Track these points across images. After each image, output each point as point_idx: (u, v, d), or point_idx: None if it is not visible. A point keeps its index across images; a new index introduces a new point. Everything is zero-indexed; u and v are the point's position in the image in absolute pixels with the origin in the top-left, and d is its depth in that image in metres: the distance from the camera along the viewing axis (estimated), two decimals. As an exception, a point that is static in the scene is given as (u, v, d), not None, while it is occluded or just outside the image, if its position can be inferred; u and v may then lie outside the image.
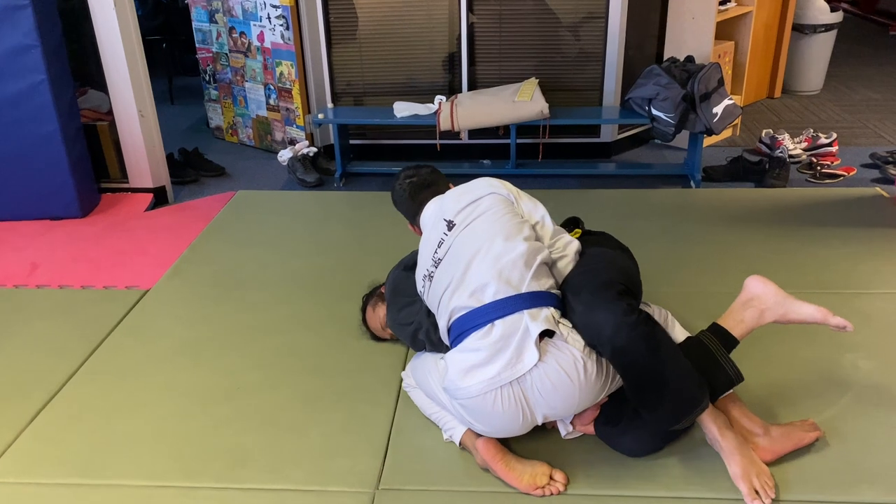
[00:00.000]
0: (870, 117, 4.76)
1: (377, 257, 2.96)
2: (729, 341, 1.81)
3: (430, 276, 1.96)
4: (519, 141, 3.84)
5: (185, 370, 2.32)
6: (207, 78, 4.64)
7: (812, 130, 4.12)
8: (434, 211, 2.08)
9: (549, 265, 1.89)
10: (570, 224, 2.18)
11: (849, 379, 2.15)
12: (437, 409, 1.96)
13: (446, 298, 1.86)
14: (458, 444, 1.91)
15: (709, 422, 1.77)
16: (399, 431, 2.02)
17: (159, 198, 3.72)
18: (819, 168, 3.81)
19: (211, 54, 4.53)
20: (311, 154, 4.08)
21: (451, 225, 1.96)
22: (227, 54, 4.43)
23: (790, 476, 1.79)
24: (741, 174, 3.75)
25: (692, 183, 3.73)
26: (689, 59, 3.71)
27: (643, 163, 4.17)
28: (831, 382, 2.14)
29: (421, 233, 2.14)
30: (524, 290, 1.78)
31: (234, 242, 3.21)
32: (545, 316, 1.74)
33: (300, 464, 1.91)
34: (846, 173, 3.78)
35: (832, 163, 3.91)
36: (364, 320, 2.41)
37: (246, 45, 4.29)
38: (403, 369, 2.22)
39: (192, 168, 4.11)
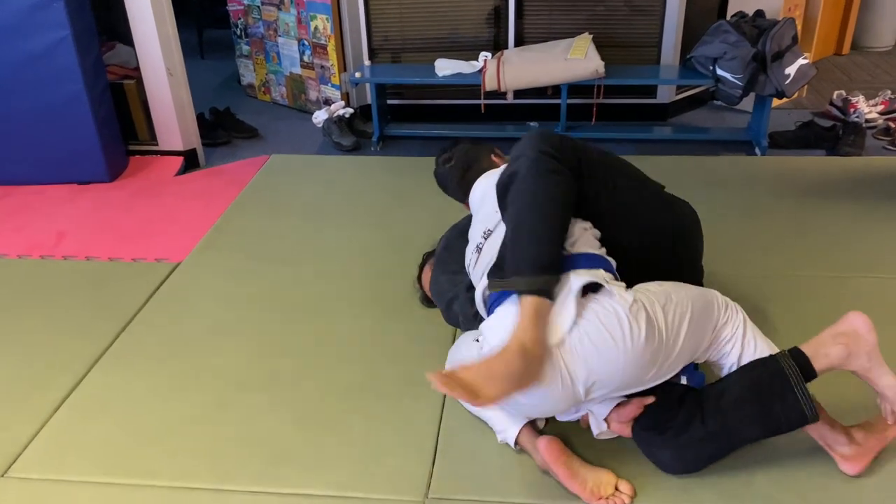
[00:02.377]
0: (950, 77, 4.39)
1: (421, 230, 2.77)
2: (808, 372, 1.56)
3: (480, 249, 1.79)
4: (569, 101, 3.57)
5: (218, 354, 2.16)
6: (238, 32, 4.42)
7: (889, 92, 3.78)
8: (485, 188, 1.91)
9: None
10: None
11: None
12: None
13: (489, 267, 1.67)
14: (513, 446, 1.73)
15: None
16: (448, 429, 1.84)
17: (190, 161, 3.55)
18: (898, 134, 3.50)
19: (242, 6, 4.30)
20: (346, 115, 3.86)
21: None
22: (259, 7, 4.20)
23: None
24: (812, 141, 3.46)
25: (757, 150, 3.45)
26: (759, 13, 3.39)
27: (702, 126, 3.88)
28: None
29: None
30: (573, 251, 1.60)
31: (268, 211, 3.03)
32: (592, 272, 1.55)
33: (342, 465, 1.75)
34: (928, 140, 3.46)
35: (912, 128, 3.59)
36: (419, 277, 2.29)
37: (279, -2, 4.05)
38: (450, 358, 2.04)
39: (223, 129, 3.93)
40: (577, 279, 1.52)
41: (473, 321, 1.88)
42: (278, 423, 1.88)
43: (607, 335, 1.48)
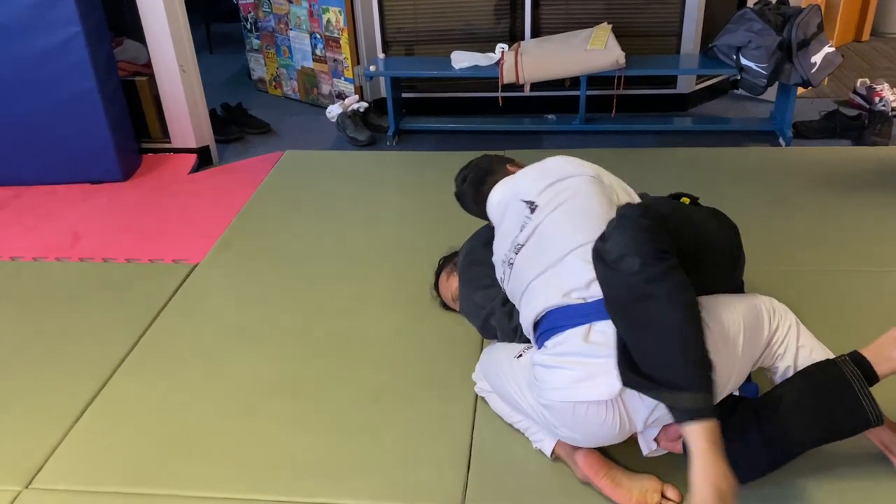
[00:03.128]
0: (974, 62, 4.30)
1: (443, 228, 2.70)
2: (870, 377, 1.49)
3: (511, 263, 1.71)
4: (588, 93, 3.51)
5: (242, 358, 2.11)
6: (249, 26, 4.36)
7: (915, 79, 3.70)
8: (503, 196, 1.84)
9: None
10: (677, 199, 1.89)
11: None
12: (520, 417, 1.73)
13: (537, 288, 1.60)
14: (549, 455, 1.68)
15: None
16: (481, 435, 1.79)
17: (203, 158, 3.49)
18: (925, 123, 3.42)
19: (253, 0, 4.23)
20: (361, 110, 3.80)
21: (533, 207, 1.70)
22: (269, 0, 4.13)
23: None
24: (837, 131, 3.38)
25: (782, 140, 3.38)
26: (783, 0, 3.31)
27: (723, 117, 3.81)
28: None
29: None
30: None
31: (285, 209, 2.98)
32: None
33: (374, 474, 1.70)
34: (956, 128, 3.38)
35: (939, 116, 3.51)
36: (436, 285, 2.23)
37: (290, -9, 3.99)
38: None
39: (235, 125, 3.87)
40: None
41: (513, 334, 1.82)
42: (306, 431, 1.84)
43: None
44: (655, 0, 3.68)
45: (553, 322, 1.54)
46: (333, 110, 3.78)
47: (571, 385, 1.45)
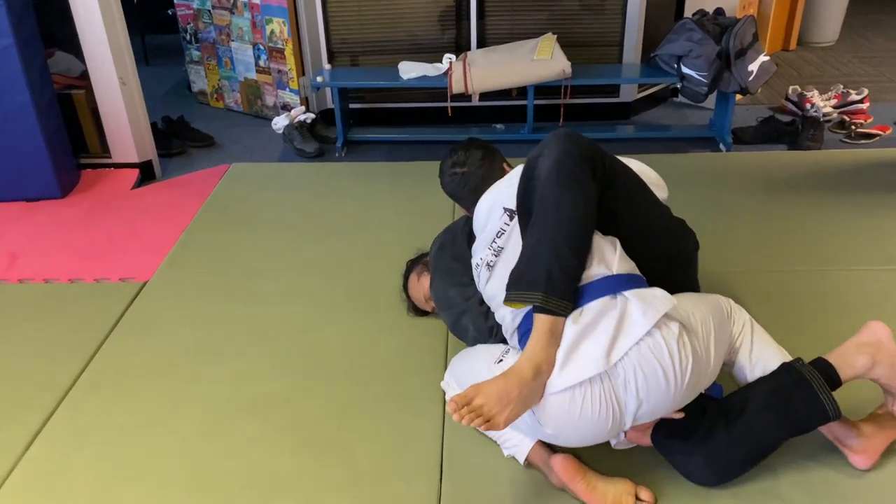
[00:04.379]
0: (893, 70, 4.54)
1: (397, 237, 2.70)
2: (832, 380, 1.56)
3: (490, 266, 1.72)
4: (535, 102, 3.55)
5: (200, 378, 2.05)
6: (188, 37, 4.26)
7: (842, 86, 3.88)
8: (491, 205, 1.82)
9: None
10: None
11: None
12: None
13: None
14: (521, 462, 1.68)
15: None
16: (452, 445, 1.78)
17: (146, 173, 3.39)
18: (853, 127, 3.59)
19: (192, 11, 4.14)
20: (308, 121, 3.76)
21: (512, 214, 1.70)
22: (209, 11, 4.05)
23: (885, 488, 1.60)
24: (774, 136, 3.52)
25: (722, 146, 3.49)
26: (720, 11, 3.43)
27: (664, 124, 3.91)
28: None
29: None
30: (615, 272, 1.55)
31: (235, 224, 2.91)
32: (651, 294, 1.51)
33: (345, 490, 1.67)
34: (882, 132, 3.56)
35: (865, 121, 3.69)
36: (405, 287, 2.21)
37: (231, 1, 3.91)
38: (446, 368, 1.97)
39: (177, 138, 3.77)
40: (643, 312, 1.46)
41: (488, 334, 1.83)
42: (273, 451, 1.79)
43: (659, 369, 1.45)
44: (597, 11, 3.76)
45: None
46: (280, 122, 3.72)
47: (559, 371, 1.45)
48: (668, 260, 1.75)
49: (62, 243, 2.81)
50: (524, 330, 1.55)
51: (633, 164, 1.82)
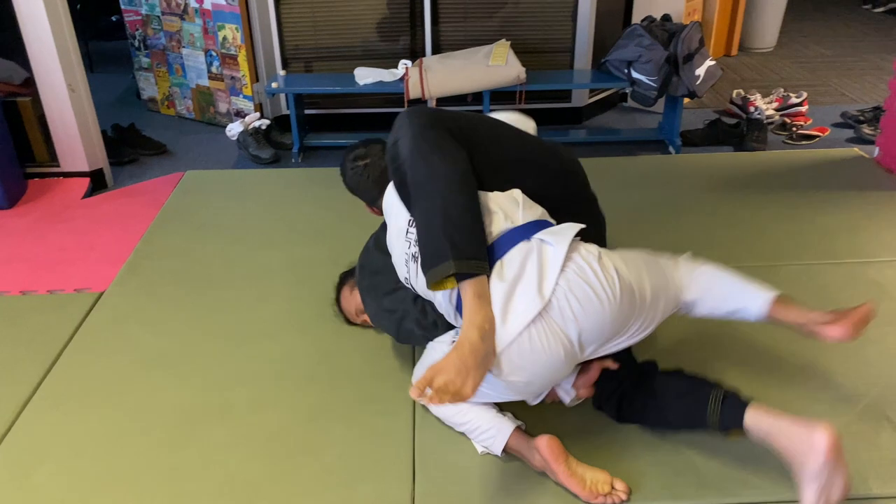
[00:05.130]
0: (828, 74, 4.74)
1: (357, 241, 2.67)
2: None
3: (415, 257, 1.73)
4: (491, 108, 3.60)
5: (163, 388, 2.02)
6: (137, 44, 4.18)
7: (782, 90, 4.04)
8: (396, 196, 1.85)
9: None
10: None
11: (881, 356, 2.06)
12: (470, 417, 1.75)
13: None
14: (499, 454, 1.71)
15: None
16: (424, 446, 1.79)
17: (97, 182, 3.31)
18: (794, 129, 3.74)
19: (140, 17, 4.07)
20: (263, 127, 3.73)
21: None
22: (159, 17, 3.99)
23: (852, 470, 1.68)
24: (720, 138, 3.64)
25: (671, 148, 3.60)
26: (667, 17, 3.54)
27: (615, 128, 4.01)
28: (864, 362, 2.04)
29: (380, 214, 1.94)
30: (521, 222, 1.64)
31: (192, 231, 2.87)
32: (559, 228, 1.63)
33: (320, 494, 1.67)
34: (821, 134, 3.72)
35: (804, 123, 3.85)
36: (338, 301, 2.22)
37: (182, 7, 3.86)
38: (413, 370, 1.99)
39: (128, 146, 3.70)
40: (555, 242, 1.56)
41: (434, 329, 1.84)
42: (242, 458, 1.77)
43: (588, 288, 1.53)
44: (549, 18, 3.83)
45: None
46: (234, 128, 3.69)
47: (502, 325, 1.51)
48: (563, 182, 1.84)
49: (11, 255, 2.72)
50: (460, 305, 1.60)
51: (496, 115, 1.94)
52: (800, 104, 3.95)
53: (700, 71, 3.36)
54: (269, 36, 3.78)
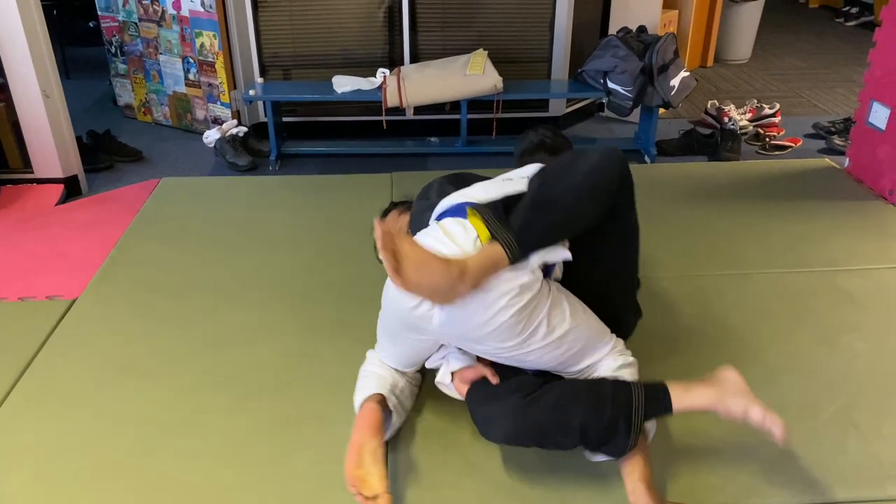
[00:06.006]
0: (801, 86, 4.82)
1: (334, 250, 2.71)
2: (667, 407, 1.58)
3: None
4: (469, 116, 3.62)
5: (135, 395, 2.00)
6: (114, 50, 4.16)
7: (756, 101, 4.11)
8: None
9: None
10: None
11: (849, 363, 2.09)
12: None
13: None
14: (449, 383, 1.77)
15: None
16: (398, 456, 1.79)
17: (71, 189, 3.29)
18: (767, 140, 3.80)
19: (117, 23, 4.05)
20: (240, 134, 3.72)
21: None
22: (136, 23, 3.97)
23: (815, 475, 1.70)
24: (695, 148, 3.69)
25: (647, 158, 3.64)
26: (643, 29, 3.59)
27: (592, 137, 4.05)
28: (832, 369, 2.07)
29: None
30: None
31: (166, 239, 2.86)
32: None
33: (291, 503, 1.67)
34: (793, 144, 3.78)
35: (777, 133, 3.91)
36: (384, 216, 2.16)
37: (159, 14, 3.85)
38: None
39: (104, 153, 3.68)
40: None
41: None
42: (213, 466, 1.76)
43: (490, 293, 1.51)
44: (526, 28, 3.87)
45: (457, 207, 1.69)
46: (211, 136, 3.68)
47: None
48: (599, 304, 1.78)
49: (-18, 262, 2.70)
50: (446, 210, 1.68)
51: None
52: (773, 115, 4.02)
53: (675, 81, 3.41)
54: (248, 43, 3.78)
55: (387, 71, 3.59)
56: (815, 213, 2.98)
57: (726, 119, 3.88)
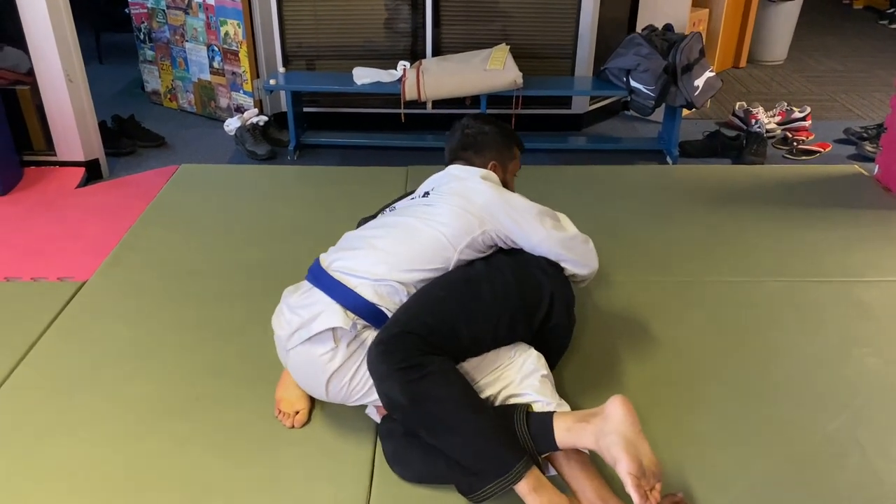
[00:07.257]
0: (836, 90, 4.69)
1: (344, 243, 2.70)
2: (550, 442, 1.53)
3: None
4: (488, 111, 3.59)
5: (132, 379, 2.02)
6: (142, 36, 4.21)
7: (786, 104, 4.00)
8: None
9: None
10: None
11: (858, 378, 2.03)
12: None
13: None
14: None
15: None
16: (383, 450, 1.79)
17: (92, 172, 3.34)
18: (795, 144, 3.70)
19: (146, 10, 4.10)
20: (261, 123, 3.74)
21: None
22: (164, 11, 4.01)
23: (815, 492, 1.65)
24: (719, 150, 3.61)
25: (669, 159, 3.57)
26: (669, 27, 3.51)
27: (615, 136, 3.98)
28: (840, 382, 2.01)
29: None
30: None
31: (180, 225, 2.88)
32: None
33: (274, 492, 1.67)
34: (822, 149, 3.67)
35: (807, 138, 3.81)
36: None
37: (186, 2, 3.89)
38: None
39: (127, 138, 3.72)
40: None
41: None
42: (203, 453, 1.77)
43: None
44: (551, 23, 3.81)
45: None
46: (232, 123, 3.70)
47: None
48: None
49: (0, 241, 2.75)
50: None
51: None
52: (803, 119, 3.90)
53: (699, 82, 3.33)
54: (271, 33, 3.80)
55: (407, 64, 3.57)
56: (838, 220, 2.90)
57: (753, 121, 3.78)
